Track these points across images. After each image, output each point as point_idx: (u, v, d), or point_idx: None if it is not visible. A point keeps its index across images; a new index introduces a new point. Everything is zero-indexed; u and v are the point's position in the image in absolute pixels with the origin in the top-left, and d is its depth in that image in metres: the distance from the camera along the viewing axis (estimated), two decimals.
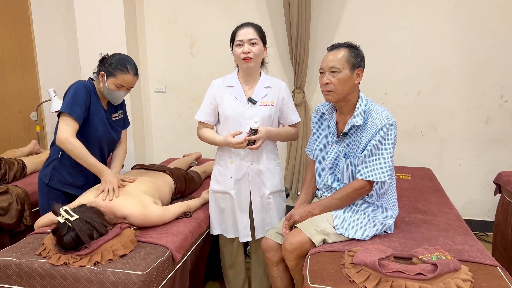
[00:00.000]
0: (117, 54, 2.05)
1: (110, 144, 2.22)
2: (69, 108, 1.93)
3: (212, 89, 2.10)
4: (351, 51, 1.76)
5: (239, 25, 2.01)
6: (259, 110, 2.04)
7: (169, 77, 3.63)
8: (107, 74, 1.99)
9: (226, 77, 2.11)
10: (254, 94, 2.05)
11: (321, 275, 1.49)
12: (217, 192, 2.15)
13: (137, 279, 1.48)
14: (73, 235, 1.54)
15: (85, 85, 2.00)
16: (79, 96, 1.96)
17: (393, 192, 1.88)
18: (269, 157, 2.12)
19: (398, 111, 3.22)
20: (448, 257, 1.44)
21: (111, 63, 2.00)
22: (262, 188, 2.11)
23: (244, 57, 1.95)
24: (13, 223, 2.42)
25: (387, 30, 3.13)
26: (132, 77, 2.03)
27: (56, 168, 2.08)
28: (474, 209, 3.30)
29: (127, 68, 2.00)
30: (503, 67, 3.01)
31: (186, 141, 3.70)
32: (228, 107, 2.04)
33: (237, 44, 1.97)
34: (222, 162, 2.12)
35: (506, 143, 3.12)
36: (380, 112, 1.74)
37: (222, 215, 2.17)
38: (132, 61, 2.06)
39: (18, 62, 3.62)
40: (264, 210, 2.13)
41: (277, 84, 2.11)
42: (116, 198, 1.87)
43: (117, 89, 2.02)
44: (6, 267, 1.58)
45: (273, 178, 2.13)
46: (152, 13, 3.52)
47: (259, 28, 2.00)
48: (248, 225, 2.12)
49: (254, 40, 1.96)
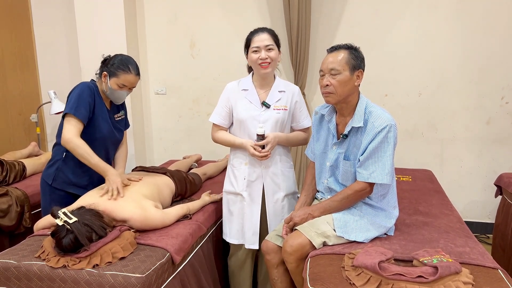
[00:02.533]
0: (119, 55, 2.09)
1: (114, 144, 2.24)
2: (74, 109, 1.95)
3: (227, 92, 2.11)
4: (351, 53, 1.76)
5: (254, 31, 2.02)
6: (273, 114, 2.05)
7: (170, 79, 3.63)
8: (110, 74, 2.04)
9: (241, 80, 2.12)
10: (268, 98, 2.06)
11: (321, 278, 1.48)
12: (230, 193, 2.16)
13: (136, 281, 1.48)
14: (72, 238, 1.54)
15: (89, 86, 2.05)
16: (84, 97, 1.99)
17: (393, 194, 1.87)
18: (282, 160, 2.14)
19: (399, 112, 3.22)
20: (449, 259, 1.44)
21: (113, 64, 2.04)
22: (277, 192, 2.12)
23: (261, 63, 1.97)
24: (12, 225, 2.42)
25: (388, 31, 3.13)
26: (134, 76, 2.07)
27: (60, 168, 2.09)
28: (475, 211, 3.29)
29: (129, 68, 2.04)
30: (504, 68, 3.01)
31: (187, 142, 3.70)
32: (242, 110, 2.06)
33: (253, 51, 1.98)
34: (237, 163, 2.13)
35: (507, 144, 3.12)
36: (380, 114, 1.74)
37: (231, 217, 2.16)
38: (134, 61, 2.10)
39: (18, 64, 3.62)
40: (278, 215, 2.13)
41: (290, 88, 2.13)
42: (116, 202, 1.86)
43: (120, 89, 2.06)
44: (5, 270, 1.57)
45: (287, 180, 2.16)
46: (152, 14, 3.53)
47: (273, 33, 2.03)
48: (257, 232, 2.10)
49: (271, 46, 1.98)
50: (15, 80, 3.59)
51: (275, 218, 2.13)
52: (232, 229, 2.17)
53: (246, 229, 2.11)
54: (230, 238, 2.18)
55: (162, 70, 3.63)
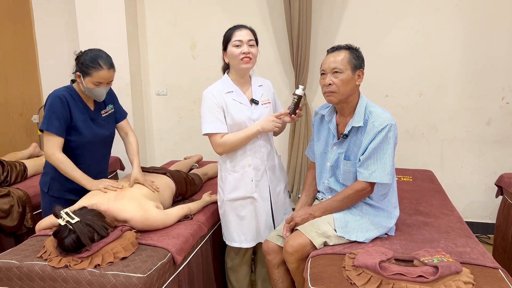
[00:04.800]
0: (88, 51, 1.99)
1: (107, 142, 2.20)
2: (46, 125, 1.94)
3: (213, 97, 2.00)
4: (352, 53, 1.77)
5: (233, 27, 2.00)
6: (262, 109, 2.06)
7: (170, 80, 3.64)
8: (83, 74, 1.96)
9: (219, 84, 2.05)
10: (253, 95, 2.06)
11: (322, 278, 1.49)
12: (237, 199, 2.08)
13: (138, 281, 1.48)
14: (74, 238, 1.55)
15: (59, 96, 1.97)
16: (54, 110, 1.95)
17: (394, 194, 1.88)
18: (276, 152, 2.20)
19: (399, 112, 3.22)
20: (450, 259, 1.44)
21: (84, 62, 1.94)
22: (279, 184, 2.16)
23: (244, 57, 1.93)
24: (14, 225, 2.43)
25: (388, 31, 3.13)
26: (107, 71, 1.96)
27: (54, 177, 2.08)
28: (476, 211, 3.29)
29: (99, 64, 1.94)
30: (504, 68, 3.01)
31: (187, 143, 3.71)
32: (235, 113, 2.01)
33: (235, 45, 1.94)
34: (239, 168, 2.06)
35: (507, 145, 3.12)
36: (380, 114, 1.74)
37: (242, 223, 2.10)
38: (104, 54, 1.99)
39: (20, 65, 3.63)
40: (282, 207, 2.18)
41: (265, 82, 2.16)
42: (117, 202, 1.87)
43: (96, 86, 1.97)
44: (7, 270, 1.58)
45: (283, 171, 2.23)
46: (153, 15, 3.53)
47: (253, 31, 2.01)
48: (273, 227, 2.12)
49: (252, 42, 1.96)
50: (17, 81, 3.60)
51: (280, 210, 2.18)
52: (246, 234, 2.10)
53: (262, 228, 2.09)
54: (247, 243, 2.11)
55: (163, 70, 3.63)
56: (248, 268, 2.29)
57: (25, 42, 3.67)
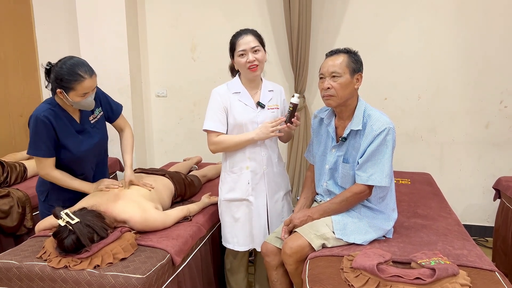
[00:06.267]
0: (60, 63, 1.86)
1: (100, 147, 2.17)
2: (33, 150, 1.91)
3: (218, 97, 2.03)
4: (350, 57, 1.78)
5: (237, 34, 1.98)
6: (268, 113, 2.05)
7: (170, 81, 3.65)
8: (65, 90, 1.83)
9: (229, 84, 2.07)
10: (261, 99, 2.05)
11: (320, 279, 1.50)
12: (233, 200, 2.09)
13: (137, 282, 1.49)
14: (73, 238, 1.55)
15: (40, 119, 1.87)
16: (38, 133, 1.89)
17: (392, 197, 1.89)
18: (279, 159, 2.17)
19: (398, 115, 3.23)
20: (447, 262, 1.45)
21: (62, 78, 1.81)
22: (278, 191, 2.14)
23: (250, 66, 1.93)
24: (14, 226, 2.43)
25: (387, 35, 3.15)
26: (90, 79, 1.85)
27: (52, 188, 2.06)
28: (474, 214, 3.30)
29: (80, 75, 1.81)
30: (503, 72, 3.02)
31: (187, 145, 3.71)
32: (239, 114, 2.01)
33: (240, 54, 1.94)
34: (237, 170, 2.07)
35: (506, 148, 3.13)
36: (378, 117, 1.76)
37: (236, 224, 2.11)
38: (81, 61, 1.86)
39: (20, 66, 3.64)
40: (279, 214, 2.15)
41: (277, 88, 2.14)
42: (117, 203, 1.88)
43: (83, 98, 1.87)
44: (7, 270, 1.59)
45: (285, 179, 2.20)
46: (153, 17, 3.55)
47: (257, 34, 1.99)
48: (267, 234, 2.10)
49: (256, 48, 1.94)
50: (17, 81, 3.61)
51: (276, 217, 2.14)
52: (239, 236, 2.10)
53: (256, 233, 2.09)
54: (239, 246, 2.11)
55: (163, 72, 3.64)
56: (246, 270, 2.29)
57: (26, 43, 3.68)
